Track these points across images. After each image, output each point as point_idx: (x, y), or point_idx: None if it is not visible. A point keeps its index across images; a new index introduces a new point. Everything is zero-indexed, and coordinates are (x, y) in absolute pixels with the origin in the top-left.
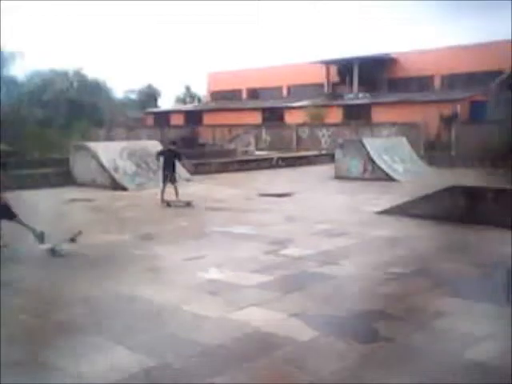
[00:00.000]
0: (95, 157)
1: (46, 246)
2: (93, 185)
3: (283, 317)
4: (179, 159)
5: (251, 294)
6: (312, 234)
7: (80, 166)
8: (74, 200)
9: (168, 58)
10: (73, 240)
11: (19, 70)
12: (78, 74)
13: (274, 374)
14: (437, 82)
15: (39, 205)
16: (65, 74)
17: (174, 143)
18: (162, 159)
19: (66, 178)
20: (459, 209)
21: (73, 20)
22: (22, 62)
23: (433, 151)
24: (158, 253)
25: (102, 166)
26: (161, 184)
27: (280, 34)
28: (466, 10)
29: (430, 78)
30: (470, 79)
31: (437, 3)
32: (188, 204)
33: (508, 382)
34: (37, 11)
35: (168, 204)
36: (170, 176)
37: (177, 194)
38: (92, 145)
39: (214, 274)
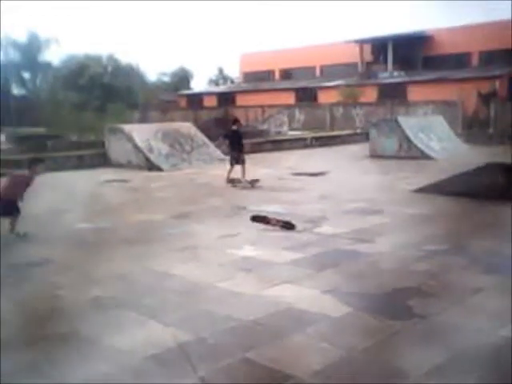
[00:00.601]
0: (130, 138)
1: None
2: (128, 166)
3: (316, 293)
4: (240, 139)
5: (284, 272)
6: (345, 213)
7: (115, 148)
8: (110, 181)
9: (200, 40)
10: (252, 183)
11: (54, 56)
12: (112, 59)
13: (306, 350)
14: (474, 59)
15: (76, 186)
16: (99, 59)
17: (235, 121)
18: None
19: (102, 160)
20: (495, 186)
21: (105, 4)
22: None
23: (470, 129)
24: (193, 231)
25: (136, 147)
26: (228, 165)
27: (313, 14)
28: None
29: (467, 55)
30: (509, 55)
31: None
32: (253, 183)
33: None
34: None
35: (233, 184)
36: (236, 157)
37: (243, 174)
38: (126, 127)
39: (247, 251)
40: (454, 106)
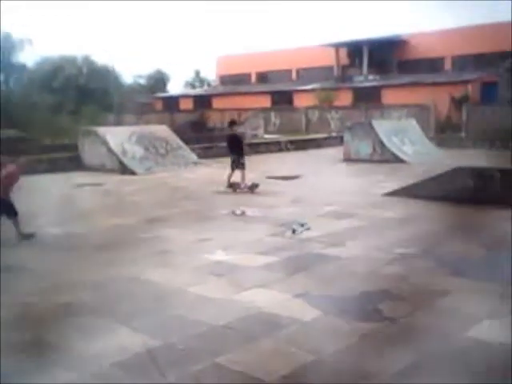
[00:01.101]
0: (104, 141)
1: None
2: (102, 169)
3: (287, 297)
4: (240, 143)
5: (256, 276)
6: (319, 216)
7: (89, 151)
8: (83, 185)
9: (177, 43)
10: (251, 188)
11: (29, 57)
12: (87, 61)
13: (276, 354)
14: (447, 64)
15: (48, 190)
16: (74, 61)
17: (232, 123)
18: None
19: (76, 163)
20: (466, 190)
21: (81, 5)
22: (31, 49)
23: (443, 133)
24: (166, 236)
25: (110, 150)
26: (229, 170)
27: (289, 17)
28: None
29: (441, 60)
30: (481, 60)
31: None
32: (253, 188)
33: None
34: None
35: (233, 189)
36: (236, 161)
37: (243, 179)
38: (101, 129)
39: (220, 255)
40: (427, 109)
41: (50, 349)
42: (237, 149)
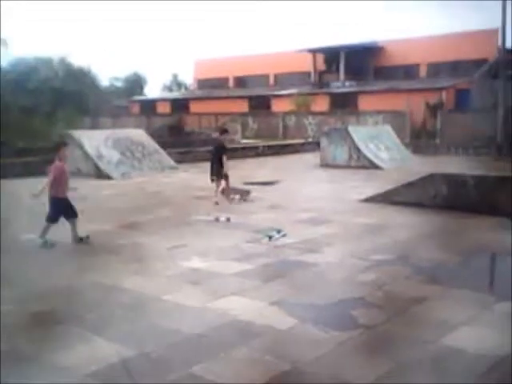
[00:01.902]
0: (79, 145)
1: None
2: (77, 173)
3: (262, 305)
4: (223, 152)
5: (232, 283)
6: (295, 222)
7: None
8: None
9: (155, 45)
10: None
11: (3, 58)
12: (63, 63)
13: (251, 363)
14: (423, 71)
15: (22, 194)
16: (50, 62)
17: (223, 131)
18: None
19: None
20: (440, 196)
21: (58, 6)
22: (5, 50)
23: (418, 139)
24: (142, 242)
25: (86, 154)
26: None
27: (267, 22)
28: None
29: (416, 67)
30: (456, 68)
31: None
32: (243, 196)
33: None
34: None
35: (228, 198)
36: (216, 171)
37: (225, 192)
38: (76, 133)
39: (196, 262)
40: (402, 116)
41: (21, 360)
42: (217, 158)
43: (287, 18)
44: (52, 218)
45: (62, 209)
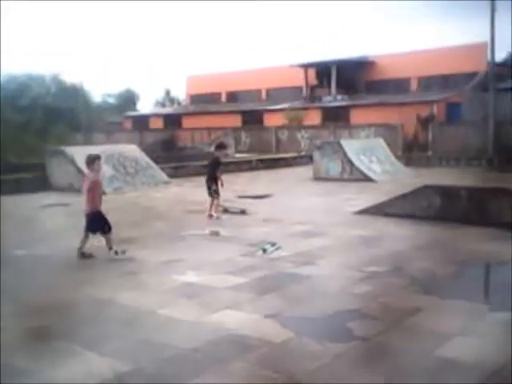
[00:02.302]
0: (72, 161)
1: None
2: (70, 189)
3: (258, 318)
4: (217, 167)
5: (227, 297)
6: (289, 235)
7: (57, 171)
8: (49, 205)
9: (147, 62)
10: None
11: None
12: (56, 80)
13: (247, 377)
14: (413, 84)
15: (13, 210)
16: (42, 79)
17: (219, 147)
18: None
19: (43, 183)
20: (433, 208)
21: (51, 23)
22: None
23: (410, 152)
24: (136, 257)
25: (78, 170)
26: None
27: (258, 38)
28: (442, 13)
29: (407, 80)
30: (446, 81)
31: (412, 5)
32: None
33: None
34: (13, 14)
35: (225, 211)
36: (210, 188)
37: (212, 208)
38: (68, 149)
39: (190, 277)
40: (394, 129)
41: (14, 375)
42: (211, 174)
43: (279, 33)
44: (92, 230)
45: (100, 222)
